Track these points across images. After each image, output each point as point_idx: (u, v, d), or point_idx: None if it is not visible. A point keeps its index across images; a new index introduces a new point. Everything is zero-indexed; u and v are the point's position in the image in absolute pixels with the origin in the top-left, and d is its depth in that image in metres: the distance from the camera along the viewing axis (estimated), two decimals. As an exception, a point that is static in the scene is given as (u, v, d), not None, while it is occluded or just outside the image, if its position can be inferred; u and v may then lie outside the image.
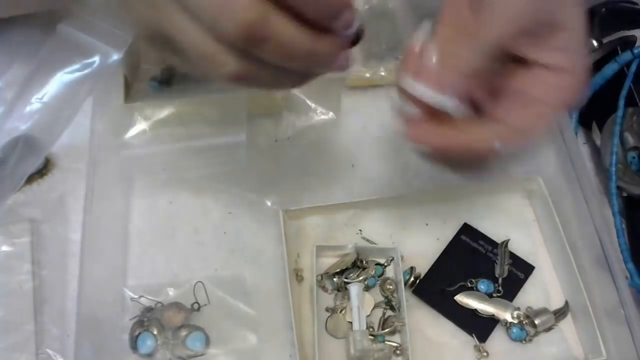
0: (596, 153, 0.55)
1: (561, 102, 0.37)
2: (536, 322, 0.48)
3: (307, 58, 0.32)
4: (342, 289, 0.50)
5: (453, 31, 0.36)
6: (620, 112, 0.49)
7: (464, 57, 0.35)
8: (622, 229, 0.47)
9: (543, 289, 0.51)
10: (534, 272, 0.51)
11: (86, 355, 0.45)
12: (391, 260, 0.51)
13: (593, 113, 0.56)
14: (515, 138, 0.37)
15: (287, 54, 0.31)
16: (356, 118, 0.59)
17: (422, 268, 0.51)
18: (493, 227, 0.53)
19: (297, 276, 0.50)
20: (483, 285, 0.50)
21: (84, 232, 0.47)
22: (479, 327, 0.49)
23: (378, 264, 0.51)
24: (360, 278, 0.50)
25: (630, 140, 0.52)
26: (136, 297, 0.49)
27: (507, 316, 0.49)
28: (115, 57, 0.49)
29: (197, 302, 0.49)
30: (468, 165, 0.39)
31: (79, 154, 0.54)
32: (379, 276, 0.51)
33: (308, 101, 0.56)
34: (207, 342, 0.47)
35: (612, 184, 0.48)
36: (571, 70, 0.36)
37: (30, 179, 0.53)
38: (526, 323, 0.48)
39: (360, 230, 0.52)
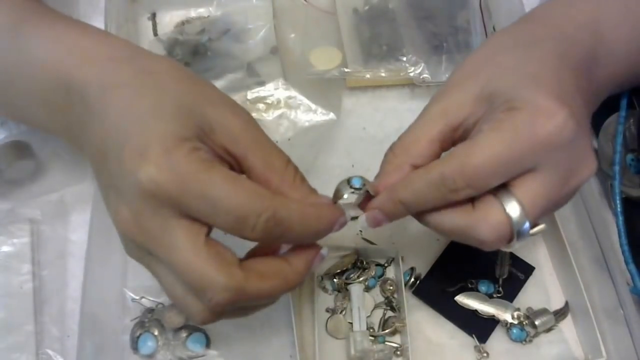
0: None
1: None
2: (536, 322, 0.48)
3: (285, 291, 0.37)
4: (342, 290, 0.50)
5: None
6: (622, 112, 0.50)
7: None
8: (625, 229, 0.47)
9: (543, 290, 0.51)
10: (534, 273, 0.51)
11: (87, 355, 0.45)
12: (391, 260, 0.51)
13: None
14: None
15: (265, 300, 0.37)
16: (356, 118, 0.58)
17: (423, 268, 0.51)
18: (493, 228, 0.53)
19: (298, 277, 0.50)
20: (483, 286, 0.50)
21: (91, 233, 0.47)
22: (479, 327, 0.49)
23: (378, 264, 0.51)
24: (361, 279, 0.50)
25: (628, 142, 0.52)
26: (137, 298, 0.49)
27: (507, 317, 0.49)
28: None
29: (197, 303, 0.48)
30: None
31: (80, 154, 0.54)
32: (379, 277, 0.51)
33: (308, 101, 0.56)
34: (208, 343, 0.47)
35: (616, 182, 0.48)
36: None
37: (21, 184, 0.53)
38: (526, 324, 0.48)
39: (361, 231, 0.52)
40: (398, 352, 0.48)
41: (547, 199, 0.36)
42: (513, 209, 0.35)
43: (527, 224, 0.36)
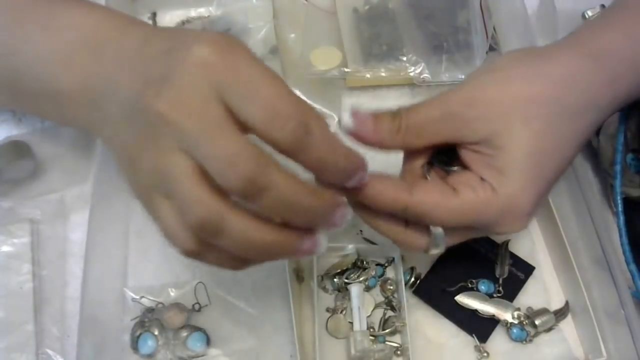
0: (593, 155, 0.55)
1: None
2: (536, 322, 0.48)
3: (261, 252, 0.35)
4: (342, 290, 0.50)
5: None
6: (623, 112, 0.50)
7: None
8: (625, 229, 0.47)
9: (543, 289, 0.51)
10: (534, 273, 0.51)
11: (87, 355, 0.45)
12: (391, 260, 0.51)
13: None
14: None
15: (240, 248, 0.34)
16: (356, 118, 0.58)
17: (423, 268, 0.51)
18: (493, 228, 0.53)
19: (298, 276, 0.50)
20: (483, 286, 0.50)
21: (89, 233, 0.47)
22: (479, 327, 0.49)
23: (378, 264, 0.51)
24: (361, 278, 0.50)
25: (629, 141, 0.52)
26: (137, 297, 0.49)
27: (507, 316, 0.49)
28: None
29: (197, 303, 0.49)
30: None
31: (80, 154, 0.54)
32: (379, 276, 0.51)
33: (308, 101, 0.56)
34: (208, 342, 0.47)
35: (617, 182, 0.48)
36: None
37: (21, 184, 0.53)
38: (526, 323, 0.48)
39: (361, 231, 0.52)
40: (398, 352, 0.48)
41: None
42: (437, 232, 0.40)
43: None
